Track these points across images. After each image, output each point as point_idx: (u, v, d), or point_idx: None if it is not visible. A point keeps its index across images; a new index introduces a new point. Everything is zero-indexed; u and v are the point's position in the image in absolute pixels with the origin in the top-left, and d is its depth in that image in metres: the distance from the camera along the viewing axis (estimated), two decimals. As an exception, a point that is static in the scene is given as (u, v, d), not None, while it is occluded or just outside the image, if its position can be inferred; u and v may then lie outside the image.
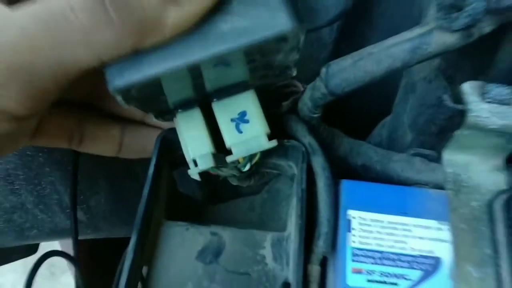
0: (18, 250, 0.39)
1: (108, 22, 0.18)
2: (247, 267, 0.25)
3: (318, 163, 0.27)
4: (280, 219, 0.28)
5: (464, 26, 0.23)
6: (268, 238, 0.26)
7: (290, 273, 0.24)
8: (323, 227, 0.24)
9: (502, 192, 0.25)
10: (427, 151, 0.29)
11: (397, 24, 0.29)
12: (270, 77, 0.25)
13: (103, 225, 0.35)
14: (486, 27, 0.23)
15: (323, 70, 0.27)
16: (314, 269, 0.25)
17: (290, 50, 0.21)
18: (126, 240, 0.37)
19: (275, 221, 0.28)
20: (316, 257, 0.25)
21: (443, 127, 0.28)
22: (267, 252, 0.25)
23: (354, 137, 0.33)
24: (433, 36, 0.24)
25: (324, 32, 0.33)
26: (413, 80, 0.31)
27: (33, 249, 0.41)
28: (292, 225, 0.25)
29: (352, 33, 0.35)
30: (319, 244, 0.25)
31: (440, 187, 0.26)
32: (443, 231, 0.25)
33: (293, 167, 0.29)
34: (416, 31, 0.25)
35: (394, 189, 0.26)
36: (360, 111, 0.40)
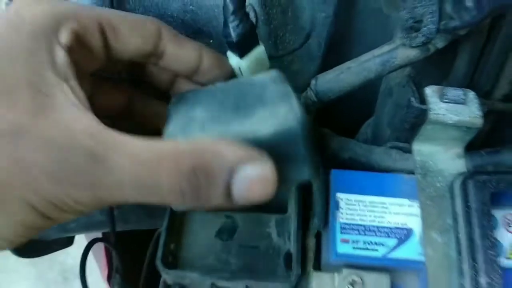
0: (59, 242, 0.45)
1: (180, 195, 0.21)
2: (256, 242, 0.31)
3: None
4: (283, 203, 0.34)
5: (421, 43, 0.29)
6: (272, 219, 0.32)
7: (291, 245, 0.30)
8: (317, 207, 0.30)
9: (460, 174, 0.31)
10: (401, 144, 0.35)
11: (376, 40, 0.35)
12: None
13: (131, 218, 0.41)
14: (439, 43, 0.29)
15: (313, 82, 0.33)
16: (311, 242, 0.31)
17: None
18: (148, 232, 0.42)
19: (278, 205, 0.34)
20: (312, 232, 0.31)
21: (413, 123, 0.34)
22: (272, 230, 0.31)
23: (344, 135, 0.39)
24: (398, 51, 0.30)
25: (313, 48, 0.39)
26: (390, 86, 0.37)
27: (70, 241, 0.47)
28: (292, 208, 0.31)
29: (338, 48, 0.41)
30: (314, 221, 0.31)
31: (411, 172, 0.32)
32: (414, 207, 0.31)
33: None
34: (385, 48, 0.31)
35: (375, 176, 0.32)
36: (349, 114, 0.46)
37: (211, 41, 0.36)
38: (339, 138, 0.38)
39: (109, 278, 0.45)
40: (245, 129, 0.23)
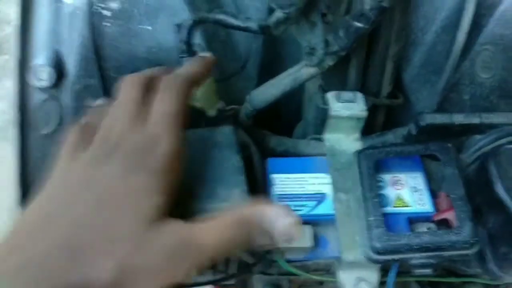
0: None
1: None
2: None
3: (254, 151, 0.45)
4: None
5: (316, 63, 0.41)
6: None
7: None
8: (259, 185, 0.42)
9: (357, 151, 0.43)
10: (318, 136, 0.47)
11: (297, 61, 0.47)
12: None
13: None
14: (329, 62, 0.42)
15: (247, 96, 0.45)
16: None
17: None
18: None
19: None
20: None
21: (323, 120, 0.46)
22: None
23: (285, 135, 0.51)
24: (303, 70, 0.43)
25: (251, 70, 0.52)
26: (309, 94, 0.50)
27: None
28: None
29: (270, 68, 0.54)
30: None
31: (324, 154, 0.45)
32: (326, 178, 0.43)
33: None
34: (295, 68, 0.43)
35: (298, 159, 0.45)
36: (285, 116, 0.59)
37: (171, 73, 0.47)
38: (275, 137, 0.50)
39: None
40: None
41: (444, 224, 0.40)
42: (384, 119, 0.52)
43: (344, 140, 0.45)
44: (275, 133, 0.51)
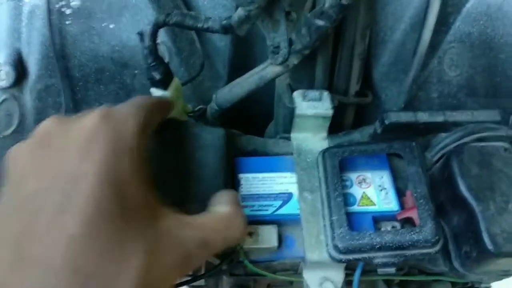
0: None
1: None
2: None
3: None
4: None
5: (281, 62, 0.41)
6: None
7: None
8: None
9: (322, 150, 0.43)
10: (286, 135, 0.47)
11: (265, 59, 0.47)
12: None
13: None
14: (294, 60, 0.41)
15: (214, 96, 0.45)
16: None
17: None
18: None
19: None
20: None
21: (291, 119, 0.46)
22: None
23: (257, 134, 0.51)
24: (268, 69, 0.42)
25: (219, 68, 0.51)
26: (278, 93, 0.49)
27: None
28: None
29: (241, 66, 0.53)
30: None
31: (292, 154, 0.45)
32: (293, 178, 0.43)
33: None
34: (261, 66, 0.43)
35: (265, 159, 0.44)
36: (258, 116, 0.58)
37: (136, 71, 0.47)
38: (245, 136, 0.50)
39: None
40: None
41: (409, 222, 0.40)
42: (354, 118, 0.52)
43: (310, 139, 0.45)
44: (246, 133, 0.50)
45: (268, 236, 0.40)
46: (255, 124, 0.56)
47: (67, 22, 0.43)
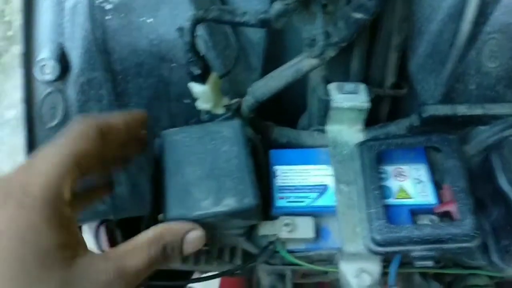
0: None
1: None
2: None
3: (257, 144, 0.45)
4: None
5: (317, 55, 0.41)
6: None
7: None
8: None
9: (359, 143, 0.43)
10: (320, 127, 0.47)
11: (298, 51, 0.47)
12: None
13: (126, 206, 0.52)
14: (331, 53, 0.41)
15: (249, 89, 0.45)
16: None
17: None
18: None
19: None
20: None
21: (325, 111, 0.46)
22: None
23: (290, 126, 0.51)
24: (305, 62, 0.42)
25: (253, 60, 0.52)
26: (312, 85, 0.49)
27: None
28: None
29: (274, 59, 0.53)
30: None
31: (327, 146, 0.45)
32: (328, 170, 0.43)
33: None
34: (297, 59, 0.43)
35: (300, 151, 0.45)
36: (290, 107, 0.59)
37: (174, 64, 0.47)
38: (277, 128, 0.50)
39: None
40: (221, 209, 0.35)
41: (447, 216, 0.40)
42: (390, 110, 0.51)
43: (346, 132, 0.45)
44: (278, 125, 0.51)
45: (305, 227, 0.40)
46: (286, 115, 0.56)
47: (107, 17, 0.44)
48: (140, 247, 0.31)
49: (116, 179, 0.42)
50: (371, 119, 0.48)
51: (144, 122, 0.37)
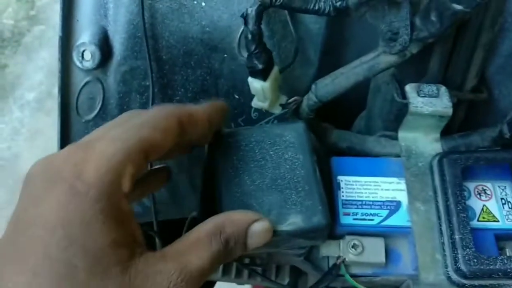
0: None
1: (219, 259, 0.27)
2: None
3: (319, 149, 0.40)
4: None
5: (399, 51, 0.35)
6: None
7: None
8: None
9: (437, 154, 0.38)
10: (389, 133, 0.42)
11: (364, 45, 0.41)
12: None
13: (162, 208, 0.47)
14: (413, 49, 0.36)
15: (313, 86, 0.40)
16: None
17: None
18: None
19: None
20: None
21: (396, 115, 0.41)
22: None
23: (341, 128, 0.46)
24: (381, 58, 0.37)
25: (311, 54, 0.46)
26: (378, 84, 0.44)
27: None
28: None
29: (332, 53, 0.48)
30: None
31: (398, 156, 0.39)
32: (401, 184, 0.37)
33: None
34: (371, 55, 0.38)
35: (368, 160, 0.39)
36: (344, 109, 0.53)
37: (225, 55, 0.42)
38: (337, 131, 0.45)
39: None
40: (285, 228, 0.31)
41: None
42: (464, 116, 0.45)
43: (422, 140, 0.39)
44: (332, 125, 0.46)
45: (375, 250, 0.35)
46: (338, 116, 0.50)
47: (156, -1, 0.39)
48: (201, 241, 0.26)
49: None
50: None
51: (225, 116, 0.33)
